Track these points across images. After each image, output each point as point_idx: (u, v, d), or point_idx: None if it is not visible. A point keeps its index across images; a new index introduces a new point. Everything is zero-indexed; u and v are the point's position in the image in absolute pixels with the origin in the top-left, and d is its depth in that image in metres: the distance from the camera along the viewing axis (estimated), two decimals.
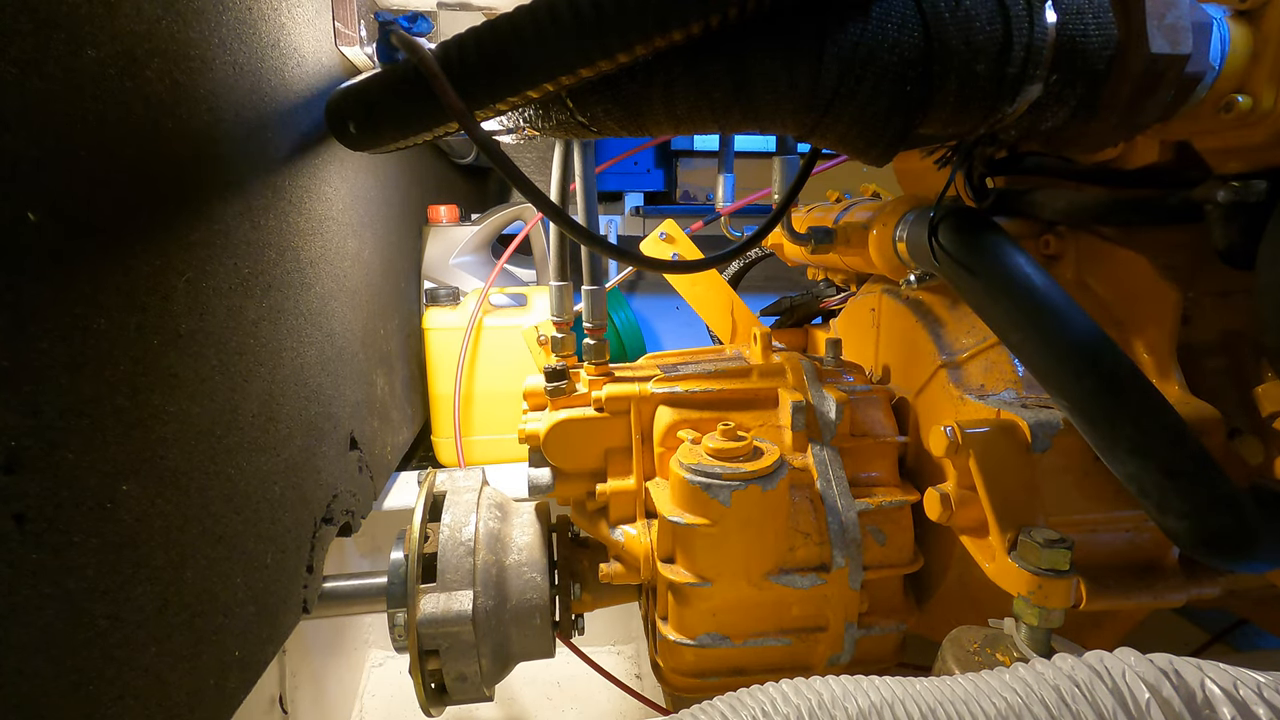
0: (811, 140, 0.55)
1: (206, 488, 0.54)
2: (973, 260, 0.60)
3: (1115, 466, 0.54)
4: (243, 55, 0.60)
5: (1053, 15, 0.48)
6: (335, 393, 0.84)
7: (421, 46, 0.52)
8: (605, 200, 2.23)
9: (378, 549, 1.25)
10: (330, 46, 0.83)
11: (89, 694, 0.42)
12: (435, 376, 1.36)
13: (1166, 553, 0.63)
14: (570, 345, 0.87)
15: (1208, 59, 0.50)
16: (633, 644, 1.35)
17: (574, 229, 0.60)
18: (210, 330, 0.55)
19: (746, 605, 0.71)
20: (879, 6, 0.47)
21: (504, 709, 1.22)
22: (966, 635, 0.57)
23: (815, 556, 0.71)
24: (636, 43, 0.46)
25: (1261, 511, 0.53)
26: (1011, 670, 0.41)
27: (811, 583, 0.70)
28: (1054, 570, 0.55)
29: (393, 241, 1.19)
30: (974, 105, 0.50)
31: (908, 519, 0.74)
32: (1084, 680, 0.38)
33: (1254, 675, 0.37)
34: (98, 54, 0.42)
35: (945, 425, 0.62)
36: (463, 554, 0.78)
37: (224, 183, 0.58)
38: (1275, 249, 0.50)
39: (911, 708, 0.40)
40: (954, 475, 0.65)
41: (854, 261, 0.93)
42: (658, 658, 0.77)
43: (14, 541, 0.37)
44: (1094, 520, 0.63)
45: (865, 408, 0.78)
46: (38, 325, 0.38)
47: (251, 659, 0.62)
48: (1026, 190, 0.69)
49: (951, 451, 0.62)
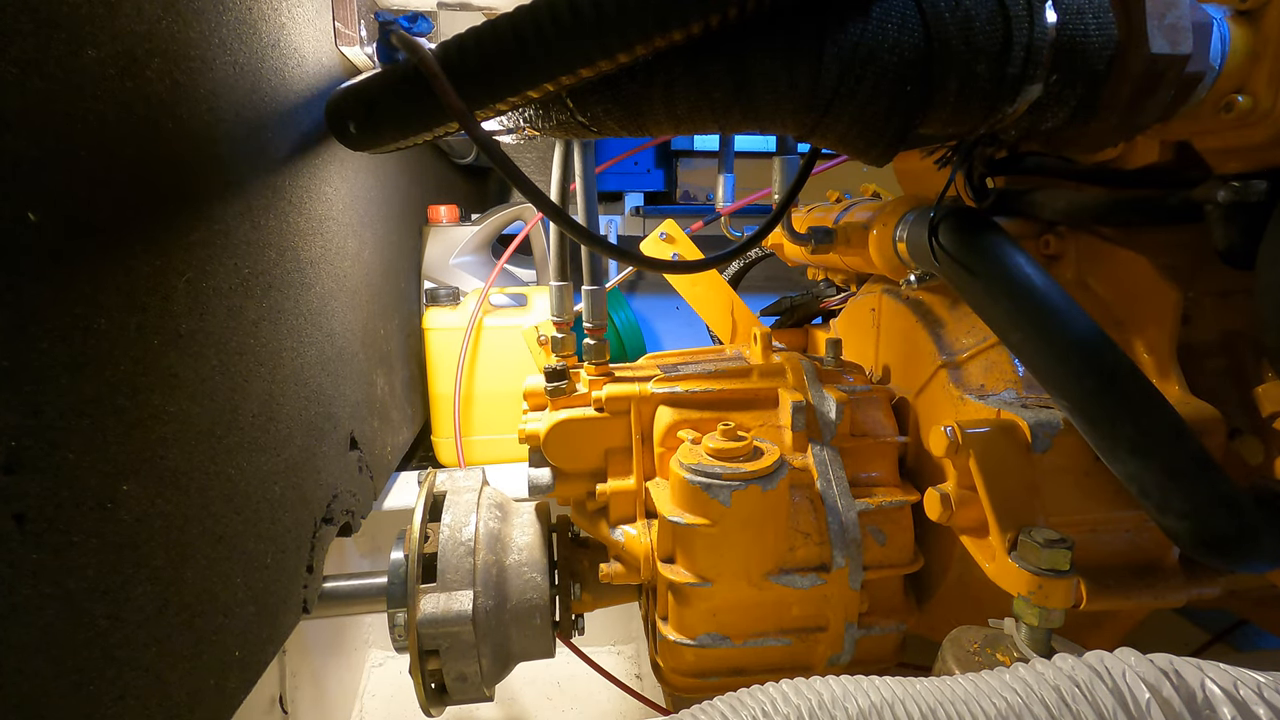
0: (811, 140, 0.55)
1: (207, 488, 0.54)
2: (973, 260, 0.60)
3: (1115, 466, 0.54)
4: (243, 55, 0.60)
5: (1053, 15, 0.48)
6: (335, 393, 0.84)
7: (422, 46, 0.52)
8: (605, 200, 2.23)
9: (378, 549, 1.25)
10: (330, 46, 0.83)
11: (89, 694, 0.42)
12: (435, 376, 1.36)
13: (1167, 553, 0.63)
14: (570, 345, 0.87)
15: (1208, 59, 0.50)
16: (633, 644, 1.35)
17: (574, 229, 0.60)
18: (210, 330, 0.55)
19: (746, 605, 0.71)
20: (879, 6, 0.47)
21: (504, 709, 1.22)
22: (966, 635, 0.57)
23: (815, 556, 0.71)
24: (637, 43, 0.46)
25: (1261, 511, 0.53)
26: (1011, 670, 0.41)
27: (811, 583, 0.70)
28: (1054, 570, 0.55)
29: (393, 241, 1.19)
30: (974, 105, 0.50)
31: (908, 519, 0.74)
32: (1084, 680, 0.38)
33: (1254, 675, 0.37)
34: (98, 54, 0.42)
35: (945, 425, 0.62)
36: (463, 554, 0.78)
37: (224, 183, 0.58)
38: (1275, 249, 0.50)
39: (911, 708, 0.40)
40: (954, 475, 0.65)
41: (854, 261, 0.93)
42: (658, 658, 0.76)
43: (14, 541, 0.37)
44: (1094, 520, 0.63)
45: (865, 408, 0.78)
46: (38, 325, 0.38)
47: (251, 659, 0.62)
48: (1026, 190, 0.69)
49: (951, 451, 0.62)
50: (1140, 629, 0.74)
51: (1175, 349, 0.64)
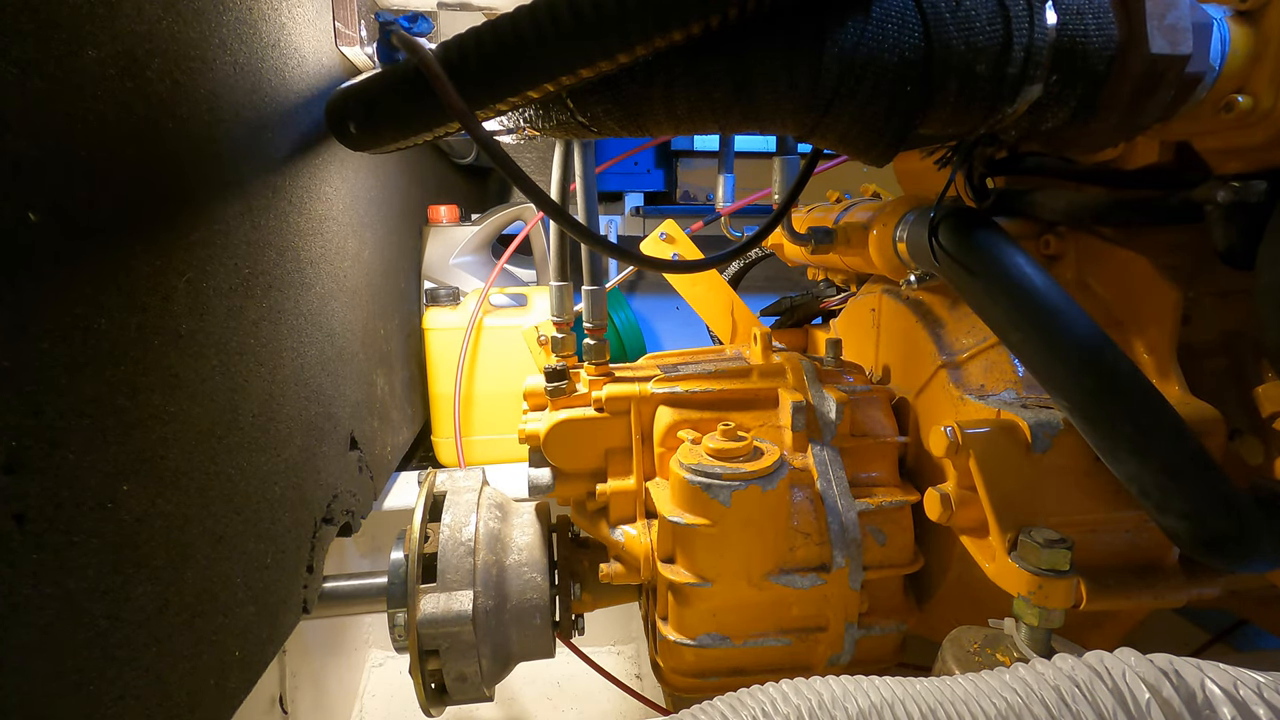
0: (812, 140, 0.55)
1: (207, 488, 0.54)
2: (972, 260, 0.60)
3: (1115, 466, 0.54)
4: (243, 55, 0.60)
5: (1053, 16, 0.48)
6: (335, 393, 0.84)
7: (422, 46, 0.52)
8: (605, 200, 2.23)
9: (378, 549, 1.25)
10: (330, 46, 0.83)
11: (89, 694, 0.42)
12: (435, 376, 1.36)
13: (1167, 553, 0.63)
14: (570, 345, 0.87)
15: (1208, 59, 0.50)
16: (633, 644, 1.35)
17: (575, 228, 0.60)
18: (211, 330, 0.55)
19: (746, 605, 0.71)
20: (879, 7, 0.47)
21: (504, 709, 1.22)
22: (966, 635, 0.57)
23: (815, 556, 0.71)
24: (637, 43, 0.46)
25: (1261, 512, 0.53)
26: (1011, 670, 0.41)
27: (811, 583, 0.70)
28: (1054, 570, 0.55)
29: (393, 241, 1.19)
30: (974, 105, 0.50)
31: (908, 519, 0.74)
32: (1084, 680, 0.38)
33: (1254, 675, 0.37)
34: (98, 54, 0.42)
35: (945, 425, 0.62)
36: (463, 554, 0.78)
37: (224, 183, 0.58)
38: (1275, 249, 0.50)
39: (911, 708, 0.40)
40: (954, 475, 0.65)
41: (854, 262, 0.93)
42: (658, 658, 0.77)
43: (15, 542, 0.37)
44: (1094, 520, 0.63)
45: (865, 408, 0.78)
46: (38, 325, 0.38)
47: (251, 659, 0.62)
48: (1027, 190, 0.69)
49: (951, 452, 0.62)
50: (1140, 629, 0.74)
51: (1175, 349, 0.64)
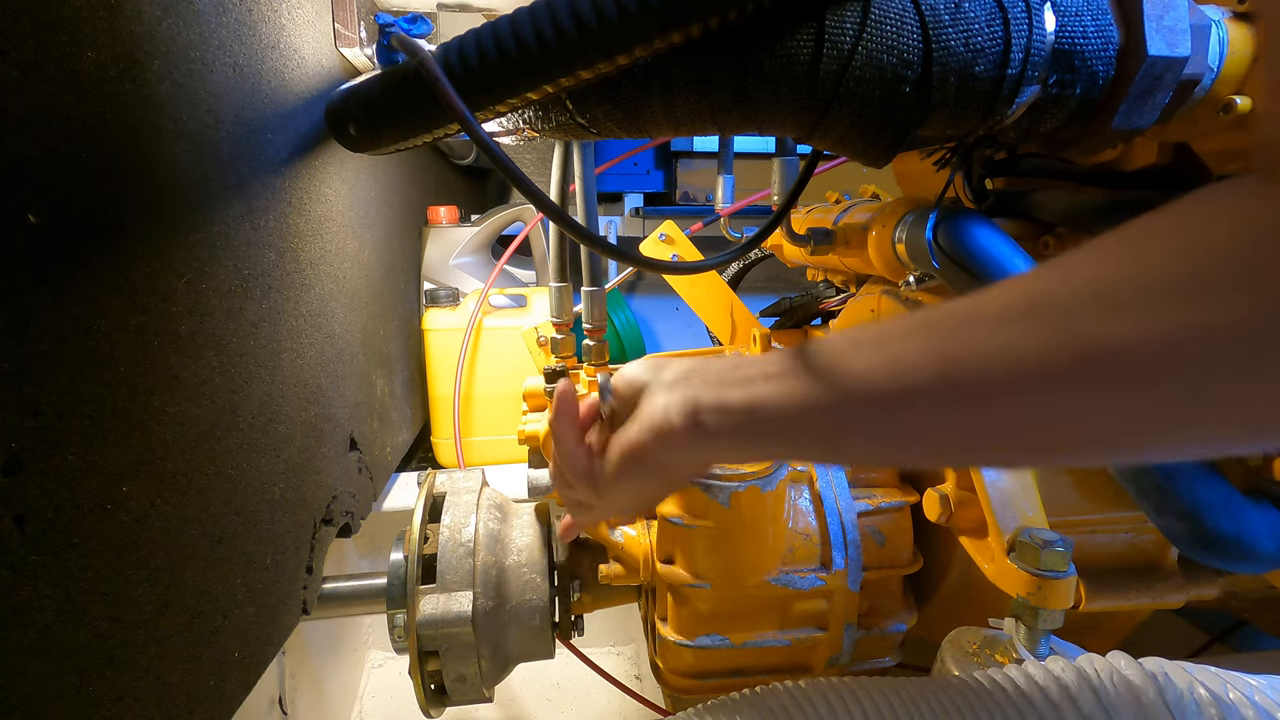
0: (811, 142, 0.55)
1: (206, 489, 0.54)
2: (972, 261, 0.60)
3: (1113, 467, 0.54)
4: (243, 57, 0.60)
5: (1052, 17, 0.48)
6: (335, 394, 0.84)
7: (422, 48, 0.52)
8: (605, 201, 2.23)
9: (377, 550, 1.25)
10: (330, 48, 0.83)
11: (88, 695, 0.42)
12: (435, 377, 1.36)
13: (1166, 553, 0.63)
14: (570, 346, 0.87)
15: (1206, 61, 0.50)
16: (632, 645, 1.35)
17: (574, 229, 0.60)
18: (210, 332, 0.55)
19: (746, 606, 0.71)
20: (878, 9, 0.47)
21: (504, 710, 1.22)
22: (966, 636, 0.57)
23: (815, 557, 0.71)
24: (636, 45, 0.46)
25: (1260, 512, 0.53)
26: (1003, 674, 0.41)
27: (811, 583, 0.70)
28: (1053, 571, 0.55)
29: (392, 243, 1.19)
30: (973, 107, 0.50)
31: (907, 520, 0.74)
32: (1072, 684, 0.39)
33: (1245, 679, 0.38)
34: (98, 56, 0.42)
35: None
36: (462, 555, 0.78)
37: (224, 184, 0.58)
38: None
39: (911, 708, 0.40)
40: (953, 476, 0.65)
41: (853, 263, 0.93)
42: (657, 659, 0.77)
43: (14, 543, 0.37)
44: (1093, 521, 0.63)
45: None
46: (38, 326, 0.38)
47: (251, 660, 0.62)
48: (1026, 191, 0.69)
49: None
50: (1140, 630, 0.75)
51: None
